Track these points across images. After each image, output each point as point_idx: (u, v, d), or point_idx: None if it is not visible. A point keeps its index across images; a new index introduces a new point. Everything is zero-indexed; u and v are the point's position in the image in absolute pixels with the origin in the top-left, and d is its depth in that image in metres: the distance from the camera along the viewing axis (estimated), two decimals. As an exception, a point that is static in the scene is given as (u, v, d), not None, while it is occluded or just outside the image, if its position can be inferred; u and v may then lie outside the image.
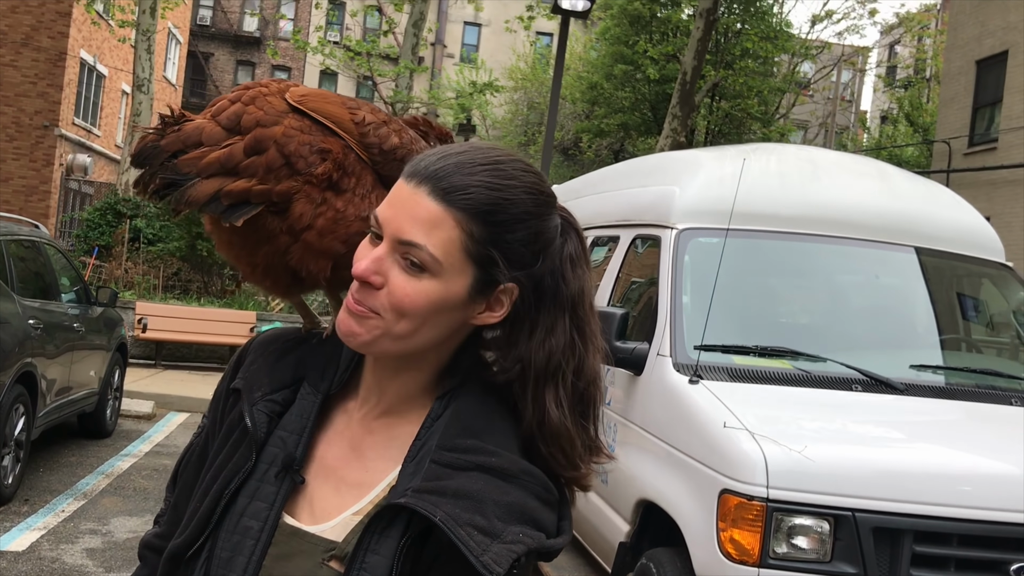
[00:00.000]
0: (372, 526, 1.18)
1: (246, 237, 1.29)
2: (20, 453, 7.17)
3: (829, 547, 3.67)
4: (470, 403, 1.24)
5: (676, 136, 17.88)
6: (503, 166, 1.21)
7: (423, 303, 1.18)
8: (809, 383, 4.33)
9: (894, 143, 35.17)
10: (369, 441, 1.28)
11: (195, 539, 1.28)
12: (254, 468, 1.27)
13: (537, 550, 1.15)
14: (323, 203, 1.27)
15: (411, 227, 1.16)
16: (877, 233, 5.07)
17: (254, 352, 1.38)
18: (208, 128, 1.26)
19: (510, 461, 1.19)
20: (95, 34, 30.20)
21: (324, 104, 1.32)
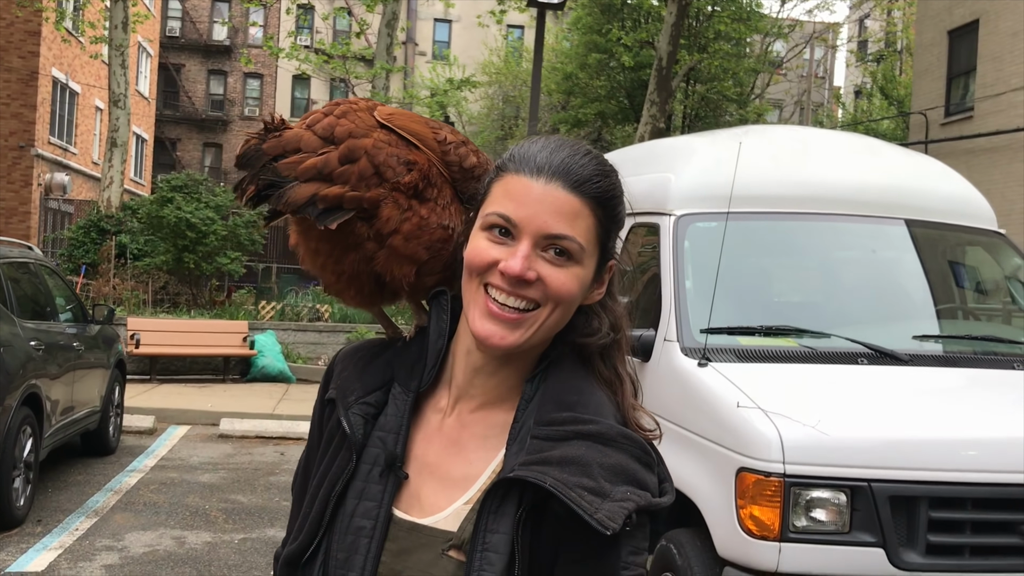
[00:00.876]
0: (486, 506, 1.23)
1: (334, 244, 1.36)
2: (29, 475, 7.20)
3: (847, 518, 3.75)
4: (561, 378, 1.31)
5: (655, 122, 17.95)
6: (593, 152, 1.32)
7: (577, 289, 1.28)
8: (816, 359, 4.41)
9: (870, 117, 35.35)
10: (467, 435, 1.34)
11: (309, 543, 1.33)
12: (356, 469, 1.33)
13: (646, 508, 1.21)
14: (409, 209, 1.34)
15: (556, 221, 1.25)
16: (871, 208, 5.15)
17: (342, 362, 1.44)
18: (306, 136, 1.33)
19: (607, 427, 1.25)
20: (66, 51, 30.04)
21: (409, 122, 1.40)
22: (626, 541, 1.21)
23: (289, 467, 9.61)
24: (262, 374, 15.22)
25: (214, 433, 11.23)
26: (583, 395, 1.29)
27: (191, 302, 18.02)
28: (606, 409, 1.29)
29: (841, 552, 3.74)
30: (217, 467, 9.45)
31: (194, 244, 17.22)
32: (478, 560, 1.21)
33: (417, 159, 1.36)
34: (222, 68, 47.07)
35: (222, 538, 6.95)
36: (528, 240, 1.25)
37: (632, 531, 1.20)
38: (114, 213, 19.24)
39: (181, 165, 42.37)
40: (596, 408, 1.28)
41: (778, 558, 3.74)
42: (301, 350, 16.49)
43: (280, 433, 11.27)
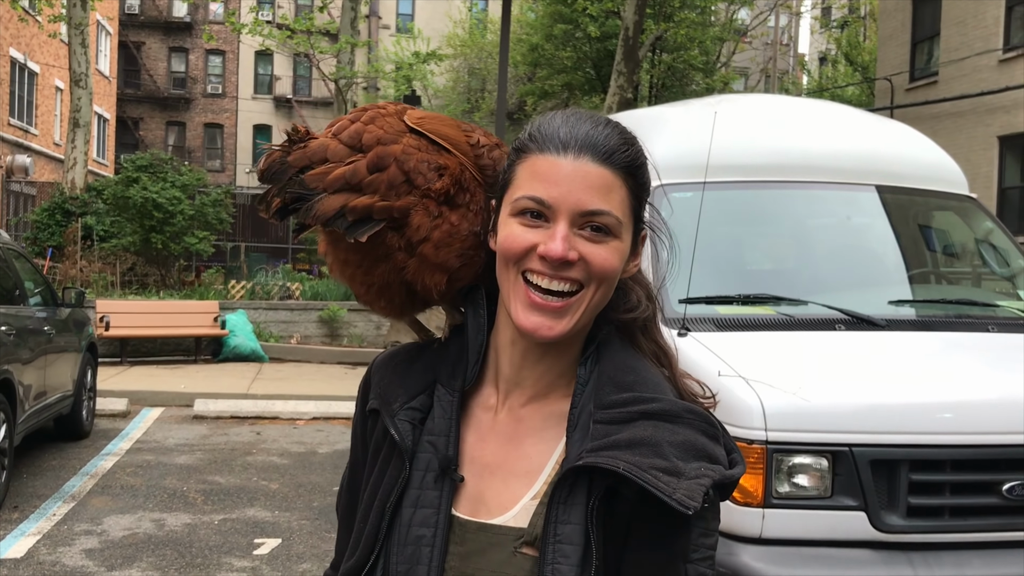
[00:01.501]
0: (556, 497, 1.19)
1: (364, 255, 1.32)
2: (4, 461, 7.13)
3: (829, 483, 3.79)
4: (615, 360, 1.28)
5: (623, 93, 17.92)
6: (612, 122, 1.28)
7: (616, 263, 1.24)
8: (794, 326, 4.43)
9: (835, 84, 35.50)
10: (523, 429, 1.30)
11: (366, 559, 1.29)
12: (410, 478, 1.29)
13: (721, 482, 1.18)
14: (439, 216, 1.29)
15: (590, 196, 1.21)
16: (844, 175, 5.16)
17: (379, 371, 1.40)
18: (332, 146, 1.29)
19: (670, 403, 1.22)
20: (23, 31, 29.57)
21: (441, 126, 1.35)
22: (697, 522, 1.18)
23: (266, 446, 9.59)
24: (234, 354, 15.15)
25: (189, 414, 11.17)
26: (639, 373, 1.26)
27: (160, 283, 17.89)
28: (664, 385, 1.27)
29: (824, 516, 3.78)
30: (193, 448, 9.40)
31: (161, 224, 17.07)
32: (551, 553, 1.18)
33: (448, 163, 1.32)
34: (183, 45, 46.51)
35: (201, 519, 6.93)
36: (564, 220, 1.21)
37: (704, 511, 1.17)
38: (79, 195, 19.02)
39: (144, 145, 41.89)
40: (655, 385, 1.25)
41: (762, 524, 3.78)
42: (273, 328, 16.42)
43: (255, 412, 11.23)
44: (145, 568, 5.86)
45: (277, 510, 7.23)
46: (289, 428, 10.68)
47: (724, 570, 3.81)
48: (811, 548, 3.77)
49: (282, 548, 6.32)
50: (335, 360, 15.60)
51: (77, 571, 5.78)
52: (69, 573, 5.74)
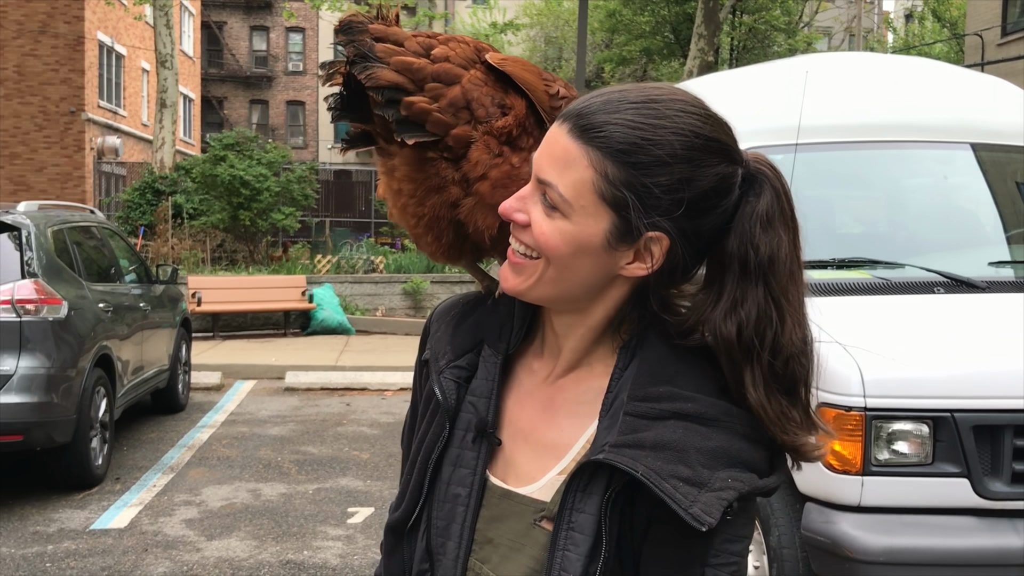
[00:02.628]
0: (573, 484, 1.15)
1: (417, 184, 1.29)
2: (106, 434, 7.35)
3: (930, 449, 3.71)
4: (658, 348, 1.19)
5: (703, 56, 17.67)
6: (657, 105, 1.12)
7: (556, 243, 1.14)
8: (891, 290, 4.33)
9: (922, 41, 34.52)
10: (559, 399, 1.26)
11: (411, 511, 1.30)
12: (451, 436, 1.28)
13: (750, 493, 1.10)
14: (500, 155, 1.26)
15: (548, 165, 1.14)
16: (937, 134, 5.02)
17: (436, 322, 1.39)
18: (411, 40, 1.26)
19: (708, 404, 1.13)
20: (110, 14, 30.20)
21: (521, 71, 1.31)
22: (723, 529, 1.10)
23: (356, 417, 9.73)
24: (322, 327, 15.38)
25: (280, 387, 11.39)
26: (682, 365, 1.17)
27: (248, 259, 18.22)
28: (709, 381, 1.16)
29: (924, 483, 3.71)
30: (286, 420, 9.58)
31: (248, 201, 17.37)
32: (563, 539, 1.15)
33: (514, 104, 1.28)
34: (264, 24, 47.08)
35: (296, 489, 7.07)
36: (532, 182, 1.17)
37: (731, 519, 1.10)
38: (168, 174, 19.42)
39: (229, 123, 42.62)
40: (697, 381, 1.15)
41: (861, 492, 3.71)
42: (359, 302, 16.62)
43: (344, 384, 11.40)
44: (243, 537, 6.01)
45: (369, 479, 7.34)
46: (377, 399, 10.83)
47: (823, 539, 3.76)
48: (912, 516, 3.70)
49: (375, 517, 6.42)
50: (419, 331, 15.68)
51: (178, 540, 5.95)
52: (171, 542, 5.91)
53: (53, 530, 6.12)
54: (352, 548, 5.84)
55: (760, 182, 1.18)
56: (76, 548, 5.79)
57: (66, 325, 6.71)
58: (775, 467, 1.15)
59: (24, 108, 28.48)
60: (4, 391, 6.30)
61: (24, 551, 5.73)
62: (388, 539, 1.35)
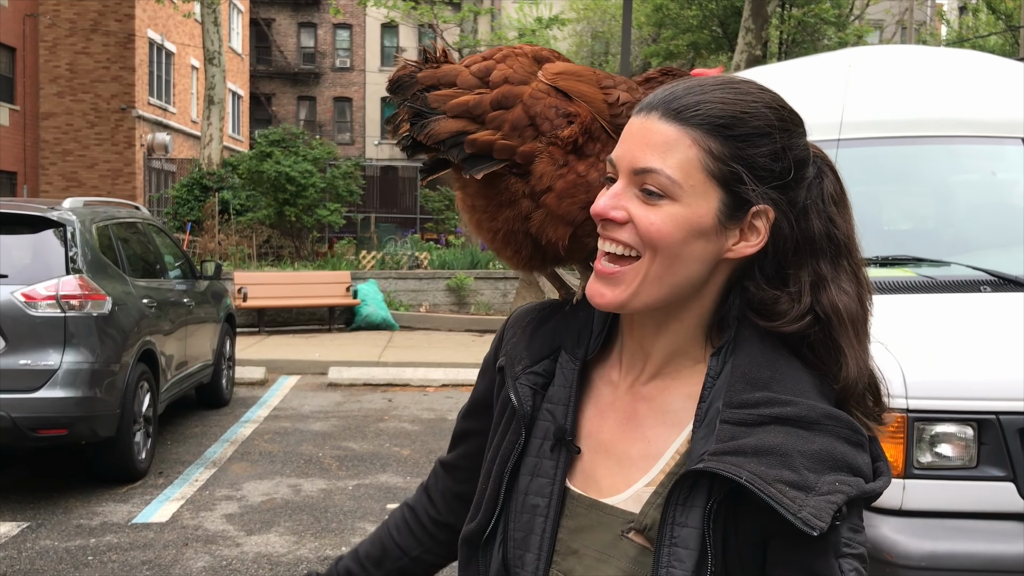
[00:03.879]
0: (673, 497, 1.12)
1: (488, 200, 1.28)
2: (149, 428, 7.42)
3: (974, 452, 3.62)
4: (752, 353, 1.16)
5: (751, 50, 17.48)
6: (736, 84, 1.16)
7: (671, 229, 1.11)
8: (935, 288, 4.23)
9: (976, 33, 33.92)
10: (644, 410, 1.23)
11: (487, 522, 1.27)
12: (527, 445, 1.25)
13: (858, 497, 1.07)
14: (565, 165, 1.25)
15: (645, 153, 1.12)
16: (986, 128, 4.90)
17: (512, 328, 1.36)
18: (464, 74, 1.26)
19: (808, 408, 1.11)
20: (159, 12, 30.58)
21: (576, 84, 1.29)
22: (835, 539, 1.07)
23: (397, 413, 9.75)
24: (366, 322, 15.45)
25: (323, 382, 11.44)
26: (777, 369, 1.14)
27: (294, 254, 18.35)
28: (805, 384, 1.13)
29: (969, 487, 3.62)
30: (328, 415, 9.62)
31: (294, 197, 17.49)
32: (666, 556, 1.11)
33: (579, 110, 1.27)
34: (311, 20, 47.39)
35: (336, 484, 7.09)
36: (623, 179, 1.14)
37: (842, 526, 1.07)
38: (215, 170, 19.62)
39: (277, 120, 42.97)
40: (794, 384, 1.13)
41: (902, 495, 3.63)
42: (403, 297, 16.67)
43: (387, 380, 11.43)
44: (283, 532, 6.03)
45: (409, 476, 7.34)
46: (419, 395, 10.84)
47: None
48: (955, 520, 3.61)
49: (414, 514, 6.40)
50: (463, 328, 15.76)
51: (219, 535, 5.98)
52: (211, 537, 5.95)
53: (96, 523, 6.18)
54: (390, 545, 5.84)
55: (819, 162, 1.21)
56: (118, 541, 5.85)
57: (110, 320, 6.78)
58: (879, 472, 1.13)
59: (76, 105, 28.94)
60: (49, 386, 6.38)
61: (67, 544, 5.80)
62: (463, 550, 1.32)
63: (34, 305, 6.42)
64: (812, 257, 1.17)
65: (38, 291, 6.46)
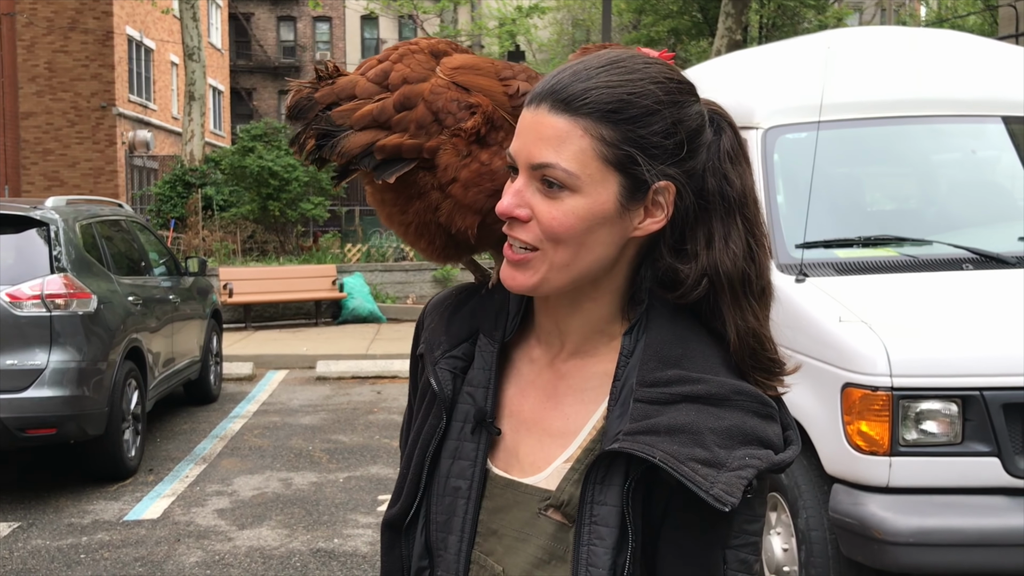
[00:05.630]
0: (591, 476, 1.14)
1: (398, 194, 1.30)
2: (138, 426, 7.41)
3: (959, 428, 3.66)
4: (662, 331, 1.17)
5: (731, 35, 17.48)
6: (621, 63, 1.15)
7: (573, 222, 1.12)
8: (918, 267, 4.27)
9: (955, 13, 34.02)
10: (563, 387, 1.24)
11: (409, 507, 1.28)
12: (448, 428, 1.26)
13: (768, 469, 1.10)
14: (469, 156, 1.26)
15: (539, 148, 1.12)
16: (966, 107, 4.93)
17: (430, 314, 1.36)
18: (361, 83, 1.27)
19: (717, 384, 1.13)
20: (138, 9, 30.38)
21: (475, 78, 1.31)
22: (742, 509, 1.10)
23: (387, 405, 9.76)
24: (353, 316, 15.44)
25: (311, 376, 11.44)
26: (688, 346, 1.16)
27: (279, 249, 18.30)
28: (715, 359, 1.15)
29: (954, 463, 3.66)
30: (317, 409, 9.63)
31: (278, 192, 17.44)
32: (587, 534, 1.13)
33: (480, 101, 1.28)
34: (290, 14, 47.21)
35: (327, 477, 7.10)
36: (523, 174, 1.14)
37: (749, 499, 1.10)
38: (197, 166, 19.54)
39: (258, 114, 42.80)
40: (703, 361, 1.15)
41: (889, 472, 3.67)
42: (389, 290, 16.66)
43: (375, 372, 11.44)
44: (274, 526, 6.04)
45: (399, 467, 7.34)
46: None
47: (851, 520, 3.72)
48: (941, 496, 3.66)
49: (405, 505, 6.42)
50: (451, 318, 15.73)
51: (210, 530, 5.99)
52: (203, 532, 5.95)
53: (87, 521, 6.18)
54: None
55: (717, 120, 1.20)
56: (110, 539, 5.85)
57: (96, 319, 6.76)
58: (788, 441, 1.15)
59: (56, 104, 28.75)
60: (36, 385, 6.36)
61: (59, 543, 5.79)
62: (385, 535, 1.33)
63: (19, 305, 6.41)
64: (706, 216, 1.18)
65: (23, 291, 6.44)
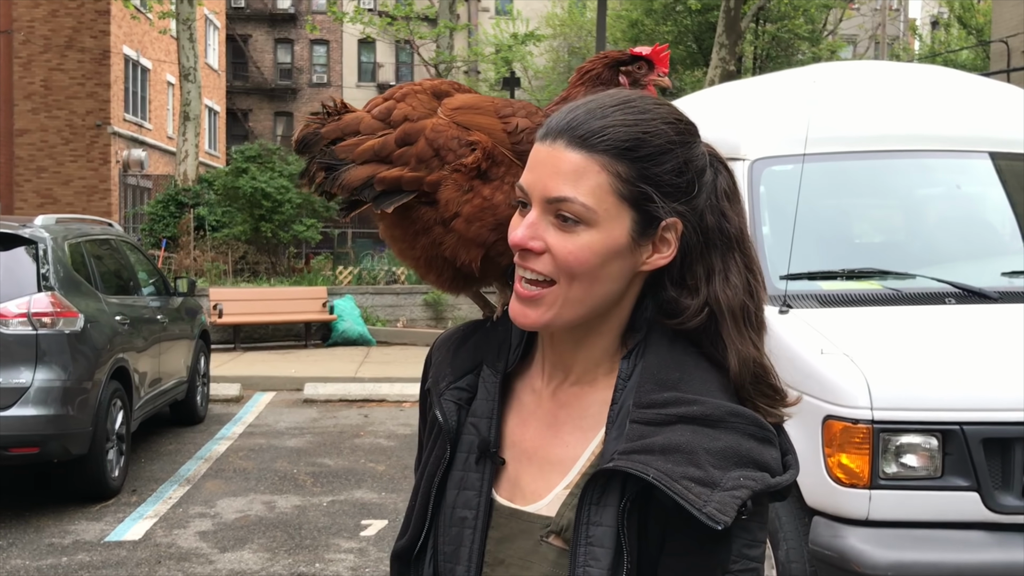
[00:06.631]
0: (586, 497, 1.15)
1: (405, 230, 1.34)
2: (122, 446, 7.38)
3: (939, 462, 3.66)
4: (661, 355, 1.20)
5: (725, 65, 17.61)
6: (634, 103, 1.19)
7: (587, 257, 1.15)
8: (901, 301, 4.29)
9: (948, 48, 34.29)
10: (563, 415, 1.26)
11: (416, 538, 1.29)
12: (453, 459, 1.28)
13: (763, 492, 1.11)
14: (470, 190, 1.30)
15: (556, 182, 1.15)
16: (952, 143, 4.96)
17: (438, 350, 1.39)
18: (366, 119, 1.32)
19: (713, 406, 1.14)
20: (135, 28, 30.47)
21: (474, 117, 1.35)
22: (740, 533, 1.12)
23: (373, 428, 9.73)
24: (343, 338, 15.42)
25: (299, 398, 11.41)
26: (685, 370, 1.18)
27: (270, 270, 18.29)
28: (713, 384, 1.18)
29: (934, 497, 3.66)
30: (303, 431, 9.60)
31: (270, 213, 17.44)
32: (583, 555, 1.14)
33: (480, 139, 1.33)
34: (288, 36, 47.36)
35: (311, 501, 7.07)
36: (537, 208, 1.17)
37: (747, 521, 1.11)
38: (191, 186, 19.54)
39: (254, 135, 42.86)
40: (701, 384, 1.17)
41: (868, 506, 3.67)
42: (380, 313, 16.65)
43: (363, 396, 11.41)
44: (256, 549, 6.01)
45: (384, 491, 7.33)
46: (396, 410, 10.83)
47: (831, 553, 3.72)
48: (921, 530, 3.65)
49: (389, 529, 6.40)
50: (441, 343, 15.72)
51: (191, 553, 5.96)
52: (184, 555, 5.92)
53: (68, 542, 6.14)
54: (364, 561, 5.83)
55: (715, 160, 1.25)
56: (90, 560, 5.82)
57: (82, 338, 6.75)
58: (787, 466, 1.16)
59: (51, 122, 28.77)
60: (20, 403, 6.34)
61: (39, 563, 5.76)
62: (394, 567, 1.34)
63: (5, 323, 6.39)
64: (707, 251, 1.22)
65: (9, 308, 6.43)
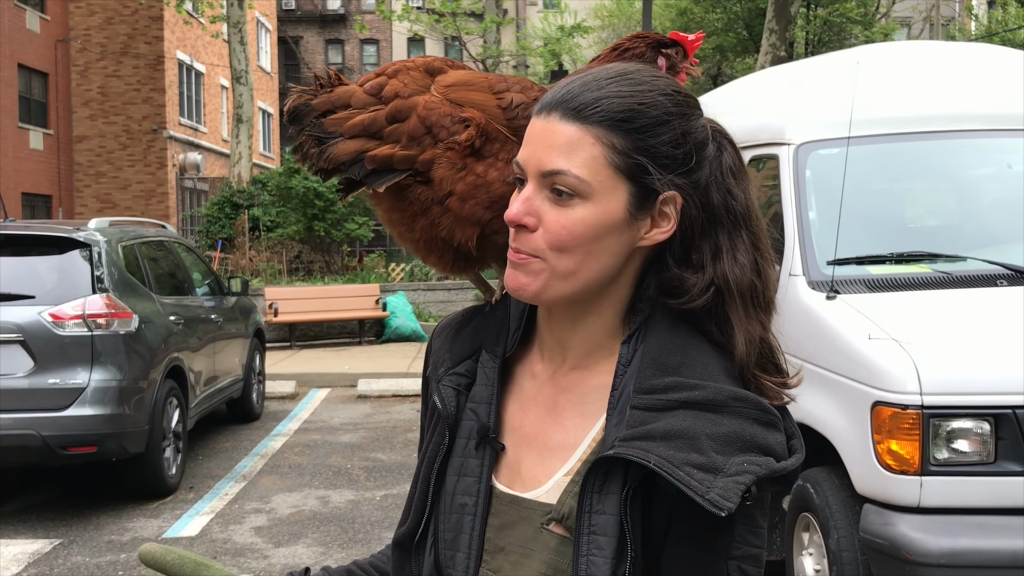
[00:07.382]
0: (588, 485, 1.12)
1: (403, 212, 1.31)
2: (179, 444, 7.50)
3: (992, 447, 3.59)
4: (661, 339, 1.17)
5: (776, 51, 17.39)
6: (630, 75, 1.16)
7: (582, 231, 1.13)
8: (951, 284, 4.21)
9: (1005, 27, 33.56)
10: (563, 400, 1.24)
11: (417, 525, 1.28)
12: (452, 445, 1.26)
13: (767, 477, 1.07)
14: (464, 168, 1.27)
15: (550, 155, 1.12)
16: (1001, 121, 4.86)
17: (437, 337, 1.37)
18: (357, 93, 1.29)
19: (715, 391, 1.11)
20: (188, 33, 30.93)
21: (468, 94, 1.32)
22: (742, 519, 1.09)
23: (426, 424, 9.77)
24: (396, 334, 15.51)
25: (353, 394, 11.51)
26: (687, 354, 1.15)
27: (324, 269, 18.46)
28: (715, 368, 1.14)
29: (987, 483, 3.59)
30: (357, 427, 9.68)
31: (323, 212, 17.61)
32: (585, 544, 1.11)
33: (473, 115, 1.29)
34: (339, 37, 47.77)
35: (364, 495, 7.12)
36: (532, 183, 1.14)
37: (751, 507, 1.07)
38: (245, 188, 19.78)
39: (306, 135, 43.22)
40: (702, 369, 1.14)
41: (920, 492, 3.61)
42: (432, 309, 16.72)
43: (416, 391, 11.44)
44: (310, 544, 6.07)
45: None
46: (449, 405, 10.85)
47: (882, 540, 3.67)
48: (973, 516, 3.58)
49: (441, 523, 6.42)
50: (494, 337, 15.76)
51: (247, 548, 6.04)
52: (239, 550, 6.00)
53: (127, 539, 6.26)
54: (416, 554, 5.86)
55: (720, 137, 1.21)
56: (148, 556, 5.91)
57: (137, 338, 6.86)
58: (792, 451, 1.13)
59: (108, 128, 29.32)
60: (78, 403, 6.46)
61: (98, 559, 5.87)
62: (395, 555, 1.32)
63: (61, 324, 6.52)
64: (712, 229, 1.18)
65: (65, 311, 6.56)
